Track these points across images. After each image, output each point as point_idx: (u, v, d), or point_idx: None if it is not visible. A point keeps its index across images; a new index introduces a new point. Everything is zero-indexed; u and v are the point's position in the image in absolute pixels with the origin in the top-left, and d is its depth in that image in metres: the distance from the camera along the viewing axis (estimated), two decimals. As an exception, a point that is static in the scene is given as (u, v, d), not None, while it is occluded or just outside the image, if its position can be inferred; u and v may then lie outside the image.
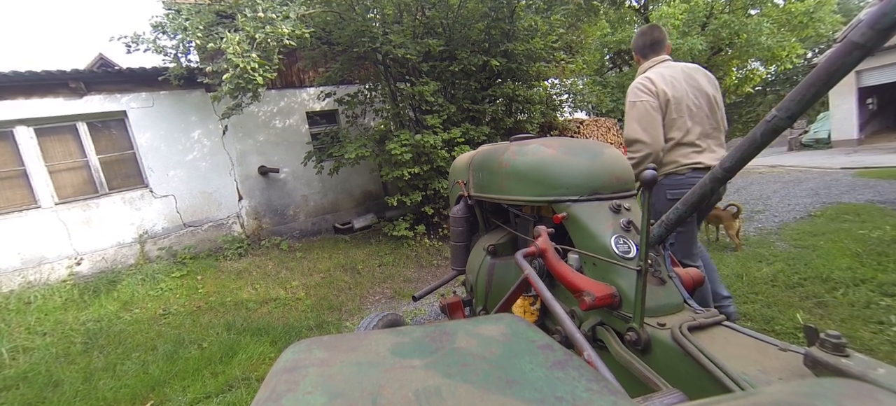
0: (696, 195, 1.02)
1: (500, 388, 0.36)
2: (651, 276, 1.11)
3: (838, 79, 0.69)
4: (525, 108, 6.86)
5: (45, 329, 3.97)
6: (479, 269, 1.88)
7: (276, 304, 4.18)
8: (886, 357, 2.09)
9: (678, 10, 9.63)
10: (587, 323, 1.19)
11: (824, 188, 6.83)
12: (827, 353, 0.65)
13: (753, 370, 0.74)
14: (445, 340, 0.47)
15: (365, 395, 0.35)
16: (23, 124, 5.03)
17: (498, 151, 1.71)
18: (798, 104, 0.74)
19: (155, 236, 5.72)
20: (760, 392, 0.34)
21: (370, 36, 5.21)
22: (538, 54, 6.27)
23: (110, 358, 3.24)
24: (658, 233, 1.16)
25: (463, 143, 5.52)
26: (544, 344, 0.45)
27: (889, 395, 0.32)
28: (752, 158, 0.87)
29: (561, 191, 1.38)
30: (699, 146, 2.02)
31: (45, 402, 2.68)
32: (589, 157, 1.44)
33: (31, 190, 5.10)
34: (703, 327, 0.93)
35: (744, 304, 2.85)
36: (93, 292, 4.72)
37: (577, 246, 1.32)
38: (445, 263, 5.10)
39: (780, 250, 3.89)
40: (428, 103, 5.53)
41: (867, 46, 0.63)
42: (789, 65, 11.22)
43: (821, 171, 9.04)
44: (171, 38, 4.94)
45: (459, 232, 2.17)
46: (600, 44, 11.12)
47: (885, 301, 2.61)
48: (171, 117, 5.83)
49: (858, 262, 3.24)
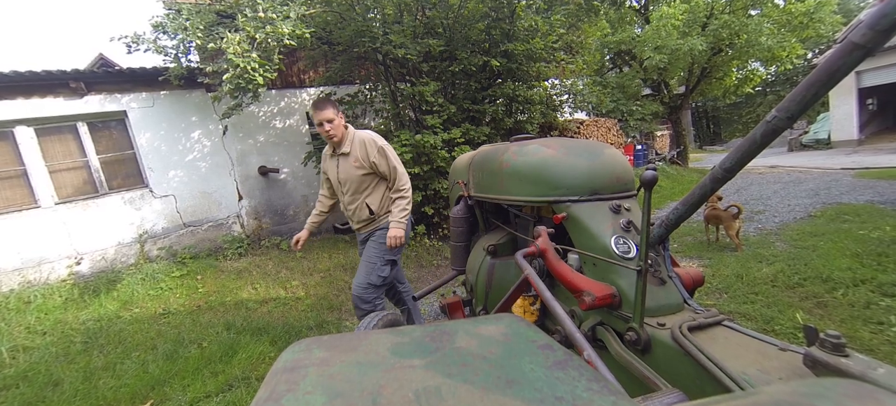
0: (696, 195, 1.02)
1: (500, 388, 0.36)
2: (651, 276, 1.11)
3: (838, 79, 0.69)
4: (525, 108, 6.86)
5: (45, 328, 3.97)
6: (479, 269, 1.88)
7: (275, 303, 4.18)
8: (886, 357, 2.09)
9: (678, 10, 9.62)
10: (587, 323, 1.19)
11: (824, 189, 6.82)
12: (827, 353, 0.65)
13: (753, 370, 0.74)
14: (445, 340, 0.47)
15: (365, 395, 0.35)
16: (23, 124, 5.03)
17: (498, 152, 1.71)
18: (798, 105, 0.74)
19: (155, 236, 5.72)
20: (760, 392, 0.34)
21: (370, 36, 5.21)
22: (538, 54, 6.27)
23: (110, 357, 3.24)
24: (658, 233, 1.16)
25: (463, 144, 5.52)
26: (544, 344, 0.45)
27: (889, 395, 0.32)
28: (752, 159, 0.88)
29: (561, 191, 1.38)
30: None
31: (44, 401, 2.68)
32: (589, 157, 1.43)
33: (31, 190, 5.10)
34: (703, 327, 0.93)
35: (744, 304, 2.86)
36: (93, 292, 4.72)
37: (577, 246, 1.32)
38: (445, 263, 5.10)
39: (780, 251, 3.89)
40: (428, 103, 5.53)
41: (867, 47, 0.63)
42: (789, 65, 11.21)
43: (821, 171, 9.04)
44: (172, 38, 4.93)
45: (459, 232, 2.17)
46: (600, 44, 11.11)
47: (885, 301, 2.61)
48: (172, 117, 5.83)
49: (858, 263, 3.24)
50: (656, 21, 9.55)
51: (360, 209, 2.48)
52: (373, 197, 2.47)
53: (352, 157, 2.40)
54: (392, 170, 2.42)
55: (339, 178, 2.46)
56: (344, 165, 2.43)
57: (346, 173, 2.43)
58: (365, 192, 2.45)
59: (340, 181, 2.47)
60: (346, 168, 2.42)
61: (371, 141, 2.40)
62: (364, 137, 2.42)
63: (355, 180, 2.41)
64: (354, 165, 2.39)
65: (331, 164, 2.52)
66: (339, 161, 2.45)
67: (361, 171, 2.39)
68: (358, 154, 2.39)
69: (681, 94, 12.91)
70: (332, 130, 2.33)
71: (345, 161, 2.43)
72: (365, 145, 2.40)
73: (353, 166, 2.39)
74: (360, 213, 2.49)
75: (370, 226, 2.53)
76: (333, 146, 2.46)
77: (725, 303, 2.94)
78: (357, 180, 2.41)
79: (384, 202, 2.50)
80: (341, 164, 2.44)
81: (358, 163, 2.38)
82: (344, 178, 2.44)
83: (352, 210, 2.52)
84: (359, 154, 2.39)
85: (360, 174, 2.40)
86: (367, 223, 2.53)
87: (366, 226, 2.54)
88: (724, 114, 29.47)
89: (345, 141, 2.42)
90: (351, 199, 2.48)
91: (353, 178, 2.41)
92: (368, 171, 2.40)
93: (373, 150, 2.39)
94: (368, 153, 2.39)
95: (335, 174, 2.49)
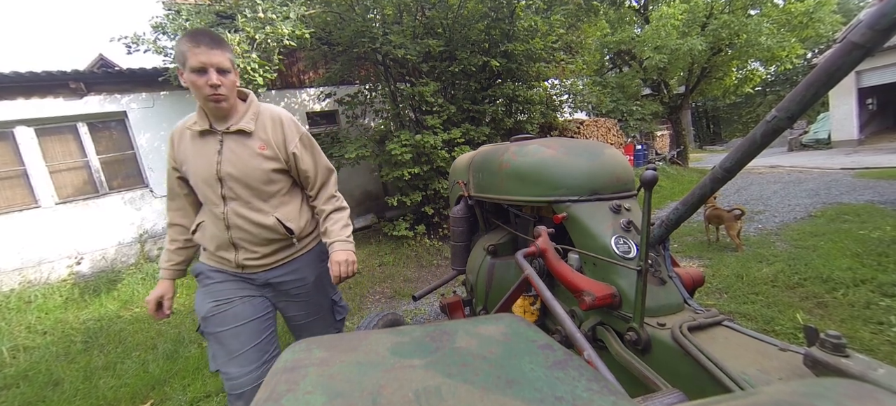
0: (696, 195, 1.02)
1: (500, 388, 0.36)
2: (651, 276, 1.11)
3: (838, 79, 0.69)
4: (525, 108, 6.87)
5: (46, 328, 3.97)
6: (479, 269, 1.88)
7: (276, 304, 4.17)
8: (886, 357, 2.09)
9: (678, 10, 9.62)
10: (587, 323, 1.19)
11: (824, 189, 6.82)
12: (827, 353, 0.65)
13: (753, 370, 0.74)
14: (445, 340, 0.47)
15: (365, 395, 0.35)
16: (23, 124, 5.03)
17: (498, 152, 1.71)
18: (798, 104, 0.74)
19: (155, 236, 5.72)
20: (760, 392, 0.34)
21: (370, 36, 5.21)
22: (538, 55, 6.27)
23: (110, 357, 3.24)
24: (658, 233, 1.16)
25: (463, 144, 5.52)
26: (544, 344, 0.45)
27: (889, 395, 0.32)
28: (752, 159, 0.88)
29: (561, 191, 1.38)
30: None
31: (45, 400, 2.68)
32: (589, 157, 1.44)
33: (32, 190, 5.11)
34: (703, 327, 0.93)
35: (744, 304, 2.86)
36: (93, 291, 4.72)
37: (577, 246, 1.32)
38: (445, 263, 5.09)
39: (780, 251, 3.89)
40: (428, 104, 5.53)
41: (867, 47, 0.63)
42: (789, 65, 11.21)
43: (821, 171, 9.04)
44: (172, 38, 4.94)
45: (459, 232, 2.17)
46: (600, 44, 11.11)
47: (885, 301, 2.61)
48: (172, 118, 5.83)
49: (858, 263, 3.24)
50: (656, 21, 9.55)
51: (263, 228, 1.48)
52: (288, 208, 1.54)
53: (255, 138, 1.46)
54: (324, 170, 1.60)
55: (221, 173, 1.43)
56: (236, 151, 1.44)
57: (238, 165, 1.44)
58: (273, 200, 1.51)
59: (222, 178, 1.44)
60: (242, 156, 1.44)
61: (289, 121, 1.54)
62: (276, 113, 1.53)
63: (258, 177, 1.46)
64: (260, 152, 1.46)
65: (200, 151, 1.46)
66: (224, 145, 1.45)
67: (270, 163, 1.47)
68: (268, 136, 1.48)
69: (681, 94, 12.91)
70: (225, 89, 1.38)
71: (238, 145, 1.45)
72: (281, 125, 1.50)
73: (256, 153, 1.45)
74: (262, 233, 1.48)
75: (281, 256, 1.54)
76: (214, 116, 1.46)
77: (725, 303, 2.94)
78: (260, 177, 1.46)
79: (305, 216, 1.59)
80: (228, 149, 1.44)
81: (267, 149, 1.47)
82: (234, 172, 1.44)
83: (243, 231, 1.47)
84: (271, 136, 1.48)
85: (267, 168, 1.46)
86: (276, 251, 1.53)
87: (272, 256, 1.52)
88: (724, 114, 29.50)
89: (239, 111, 1.48)
90: (242, 211, 1.46)
91: (254, 174, 1.45)
92: (281, 165, 1.50)
93: (293, 135, 1.51)
94: (286, 137, 1.50)
95: (211, 167, 1.44)
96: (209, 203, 1.49)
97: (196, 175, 1.46)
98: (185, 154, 1.48)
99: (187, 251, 1.62)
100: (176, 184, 1.55)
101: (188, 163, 1.47)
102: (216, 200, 1.46)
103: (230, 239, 1.47)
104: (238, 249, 1.48)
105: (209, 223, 1.50)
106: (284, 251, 1.55)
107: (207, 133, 1.45)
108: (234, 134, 1.45)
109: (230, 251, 1.48)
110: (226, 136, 1.45)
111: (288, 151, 1.51)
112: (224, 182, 1.44)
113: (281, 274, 1.56)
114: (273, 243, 1.52)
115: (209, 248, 1.52)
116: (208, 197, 1.47)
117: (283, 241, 1.54)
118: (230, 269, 1.51)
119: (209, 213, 1.50)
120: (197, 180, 1.47)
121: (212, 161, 1.43)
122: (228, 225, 1.46)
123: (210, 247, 1.51)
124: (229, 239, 1.47)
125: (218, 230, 1.47)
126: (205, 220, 1.52)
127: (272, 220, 1.49)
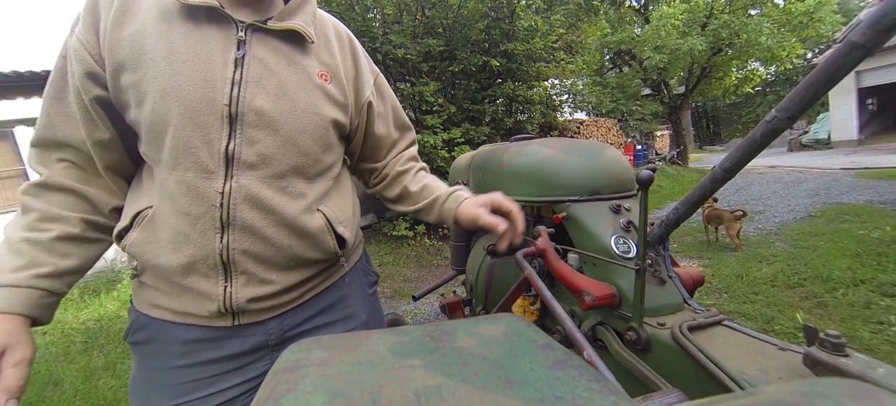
0: (696, 195, 1.02)
1: (500, 388, 0.36)
2: (651, 275, 1.11)
3: (838, 79, 0.69)
4: (525, 108, 6.88)
5: (45, 328, 3.97)
6: (479, 269, 1.88)
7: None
8: (886, 357, 2.09)
9: (678, 10, 9.63)
10: (587, 323, 1.19)
11: (824, 189, 6.83)
12: (827, 353, 0.65)
13: (753, 370, 0.74)
14: (445, 340, 0.47)
15: (365, 395, 0.35)
16: (23, 124, 5.03)
17: (498, 152, 1.71)
18: (798, 105, 0.74)
19: (155, 236, 5.72)
20: (760, 392, 0.34)
21: (370, 36, 5.22)
22: (538, 54, 6.28)
23: (110, 357, 3.24)
24: (658, 233, 1.16)
25: (463, 144, 5.53)
26: (544, 343, 0.45)
27: (889, 395, 0.32)
28: (752, 159, 0.88)
29: (561, 191, 1.38)
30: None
31: (45, 400, 2.68)
32: (589, 157, 1.44)
33: (31, 190, 5.11)
34: (703, 327, 0.93)
35: (744, 304, 2.86)
36: (93, 292, 4.72)
37: (577, 246, 1.33)
38: (445, 263, 5.10)
39: (780, 250, 3.89)
40: (428, 103, 5.53)
41: (867, 47, 0.63)
42: (789, 65, 11.23)
43: (820, 171, 9.04)
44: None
45: (459, 232, 2.17)
46: (600, 44, 11.11)
47: (885, 301, 2.61)
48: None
49: (858, 263, 3.24)
50: (656, 21, 9.56)
51: (299, 234, 0.72)
52: (341, 199, 0.82)
53: (312, 57, 0.73)
54: (403, 125, 0.96)
55: (242, 106, 0.65)
56: (275, 69, 0.68)
57: (282, 98, 0.68)
58: (321, 181, 0.76)
59: (239, 115, 0.64)
60: (288, 81, 0.69)
61: (361, 49, 0.85)
62: (342, 28, 0.83)
63: (312, 131, 0.72)
64: (322, 83, 0.73)
65: (185, 47, 0.63)
66: (251, 50, 0.66)
67: (335, 110, 0.75)
68: (336, 61, 0.77)
69: (681, 94, 12.93)
70: None
71: (281, 58, 0.69)
72: (350, 49, 0.82)
73: (315, 84, 0.72)
74: (295, 244, 0.72)
75: (314, 284, 0.79)
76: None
77: (725, 303, 2.94)
78: (316, 132, 0.72)
79: (358, 216, 0.88)
80: (258, 60, 0.67)
81: (332, 82, 0.75)
82: (269, 109, 0.67)
83: (257, 236, 0.68)
84: (340, 62, 0.77)
85: (329, 118, 0.74)
86: (308, 278, 0.77)
87: (298, 287, 0.76)
88: (724, 114, 29.53)
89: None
90: (266, 195, 0.68)
91: (309, 122, 0.71)
92: (346, 119, 0.78)
93: (367, 73, 0.84)
94: (360, 73, 0.82)
95: (212, 87, 0.63)
96: (184, 168, 0.64)
97: (168, 96, 0.62)
98: (139, 40, 0.62)
99: (87, 247, 0.78)
100: (87, 104, 0.64)
101: (146, 62, 0.62)
102: (209, 163, 0.65)
103: (224, 251, 0.67)
104: (237, 275, 0.68)
105: (172, 215, 0.66)
106: (320, 277, 0.80)
107: (213, 14, 0.65)
108: (276, 35, 0.70)
109: (215, 279, 0.68)
110: (255, 32, 0.68)
111: (361, 98, 0.81)
112: (241, 125, 0.65)
113: (310, 314, 0.79)
114: (307, 267, 0.76)
115: (165, 269, 0.68)
116: (187, 153, 0.64)
117: (322, 263, 0.79)
118: (206, 324, 0.70)
119: (176, 193, 0.65)
120: (166, 110, 0.62)
121: (215, 75, 0.64)
122: (228, 221, 0.66)
123: (168, 266, 0.67)
124: (221, 251, 0.66)
125: (195, 231, 0.66)
126: (157, 206, 0.68)
127: (319, 221, 0.75)
